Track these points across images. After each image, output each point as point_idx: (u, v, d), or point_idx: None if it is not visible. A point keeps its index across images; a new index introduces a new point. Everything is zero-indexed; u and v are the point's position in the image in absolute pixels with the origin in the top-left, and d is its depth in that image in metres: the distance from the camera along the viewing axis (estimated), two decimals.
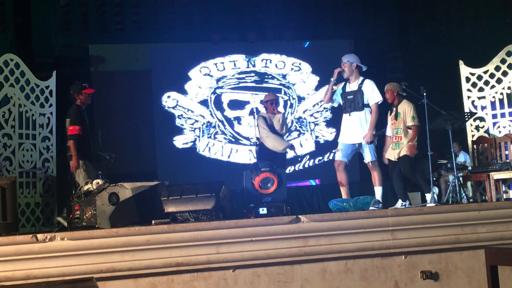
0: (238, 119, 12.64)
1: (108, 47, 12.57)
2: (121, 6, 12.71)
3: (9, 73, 9.04)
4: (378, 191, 7.71)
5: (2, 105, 8.91)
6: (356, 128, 7.84)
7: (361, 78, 7.91)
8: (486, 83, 9.78)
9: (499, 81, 9.70)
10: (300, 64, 13.00)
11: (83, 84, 8.23)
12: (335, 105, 8.29)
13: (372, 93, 7.80)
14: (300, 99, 12.95)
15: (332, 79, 7.96)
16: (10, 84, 9.01)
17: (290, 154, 10.19)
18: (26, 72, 9.29)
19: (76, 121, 7.93)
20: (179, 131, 12.45)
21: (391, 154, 8.22)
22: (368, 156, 7.82)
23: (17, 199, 6.33)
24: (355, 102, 7.81)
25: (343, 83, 8.07)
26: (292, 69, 12.96)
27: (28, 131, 9.18)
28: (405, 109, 8.12)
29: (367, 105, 7.81)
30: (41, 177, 9.20)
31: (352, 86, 7.91)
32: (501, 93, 9.67)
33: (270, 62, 12.91)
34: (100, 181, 6.95)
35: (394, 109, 8.23)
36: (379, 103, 7.80)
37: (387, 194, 11.23)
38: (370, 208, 7.45)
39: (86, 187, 6.92)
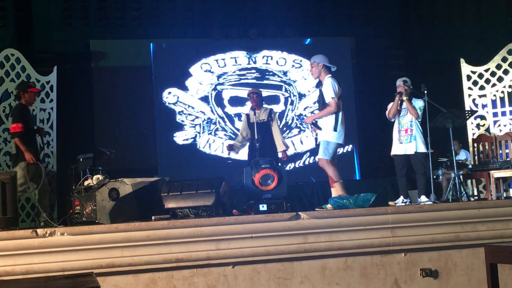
0: (238, 115, 12.63)
1: (109, 43, 12.58)
2: (122, 1, 12.71)
3: (10, 68, 9.05)
4: (336, 190, 7.43)
5: (2, 100, 8.92)
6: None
7: (325, 78, 7.66)
8: (487, 81, 9.78)
9: (500, 79, 9.71)
10: (301, 61, 12.99)
11: (29, 83, 8.16)
12: None
13: (325, 92, 7.52)
14: (301, 96, 12.95)
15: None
16: (11, 79, 9.02)
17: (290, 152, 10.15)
18: (27, 67, 9.29)
19: (19, 119, 7.79)
20: (180, 127, 12.45)
21: (403, 147, 8.09)
22: (319, 153, 7.53)
23: (17, 194, 6.32)
24: (320, 102, 7.72)
25: None
26: (293, 66, 12.96)
27: None
28: (418, 103, 8.10)
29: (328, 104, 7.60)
30: None
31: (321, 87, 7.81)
32: (502, 92, 9.68)
33: (271, 58, 12.91)
34: (100, 177, 6.96)
35: (405, 103, 8.15)
36: (336, 99, 7.50)
37: (387, 190, 11.27)
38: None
39: (86, 183, 6.92)
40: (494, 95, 9.73)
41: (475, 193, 9.75)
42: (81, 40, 12.37)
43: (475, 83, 9.84)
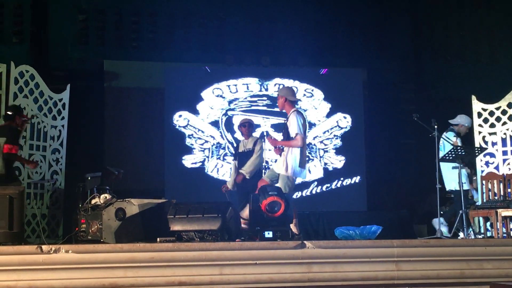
0: None
1: (123, 63, 12.65)
2: (137, 23, 12.81)
3: (24, 84, 9.13)
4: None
5: None
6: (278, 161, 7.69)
7: (291, 112, 7.71)
8: (498, 119, 9.78)
9: (510, 118, 9.70)
10: (312, 90, 13.02)
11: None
12: None
13: (290, 126, 7.59)
14: (311, 125, 12.95)
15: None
16: (24, 95, 9.09)
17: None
18: (41, 84, 9.37)
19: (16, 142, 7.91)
20: (189, 150, 12.47)
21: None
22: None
23: (24, 209, 6.34)
24: (284, 135, 7.75)
25: None
26: (304, 95, 12.99)
27: (39, 143, 9.24)
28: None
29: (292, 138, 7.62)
30: (49, 189, 9.23)
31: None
32: None
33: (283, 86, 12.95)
34: (107, 196, 6.97)
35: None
36: (301, 135, 7.49)
37: (394, 223, 11.21)
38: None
39: (93, 201, 6.94)
40: (505, 134, 9.72)
41: (482, 230, 9.69)
42: (96, 60, 12.46)
43: (485, 120, 9.84)
